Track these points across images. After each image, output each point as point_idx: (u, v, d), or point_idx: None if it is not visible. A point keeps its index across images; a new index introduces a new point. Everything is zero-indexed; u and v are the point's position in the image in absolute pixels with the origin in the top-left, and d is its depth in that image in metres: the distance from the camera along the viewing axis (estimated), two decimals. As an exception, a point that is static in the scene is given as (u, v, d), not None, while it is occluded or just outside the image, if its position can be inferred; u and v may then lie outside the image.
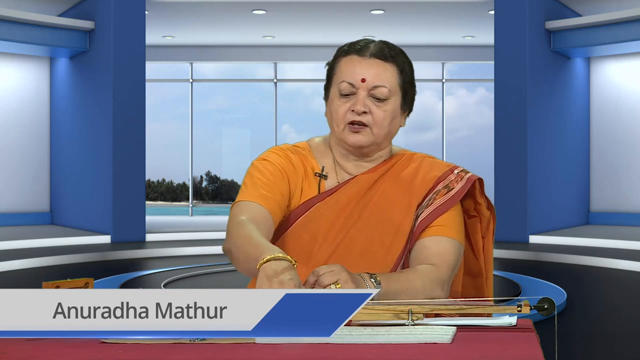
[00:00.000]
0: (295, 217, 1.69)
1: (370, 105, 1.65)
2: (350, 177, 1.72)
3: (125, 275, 7.23)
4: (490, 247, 1.77)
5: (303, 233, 1.67)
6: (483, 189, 1.75)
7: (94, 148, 10.55)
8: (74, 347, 1.24)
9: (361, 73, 1.64)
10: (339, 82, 1.66)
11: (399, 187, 1.70)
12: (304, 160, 1.73)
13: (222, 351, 1.19)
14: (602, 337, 4.85)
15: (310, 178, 1.72)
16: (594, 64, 11.99)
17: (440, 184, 1.70)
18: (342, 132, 1.67)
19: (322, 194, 1.70)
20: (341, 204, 1.68)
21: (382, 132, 1.67)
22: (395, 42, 1.79)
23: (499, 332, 1.30)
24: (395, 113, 1.68)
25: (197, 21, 12.32)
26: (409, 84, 1.71)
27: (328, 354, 1.16)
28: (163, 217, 14.69)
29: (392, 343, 1.21)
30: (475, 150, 15.33)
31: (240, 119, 17.07)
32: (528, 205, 10.01)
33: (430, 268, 1.60)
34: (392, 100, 1.66)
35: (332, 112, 1.69)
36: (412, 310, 1.33)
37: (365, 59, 1.66)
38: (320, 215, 1.68)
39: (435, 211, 1.66)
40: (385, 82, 1.65)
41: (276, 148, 1.76)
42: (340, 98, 1.66)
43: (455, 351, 1.16)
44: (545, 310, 1.32)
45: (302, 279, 1.59)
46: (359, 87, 1.64)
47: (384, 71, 1.65)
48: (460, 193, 1.69)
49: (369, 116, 1.65)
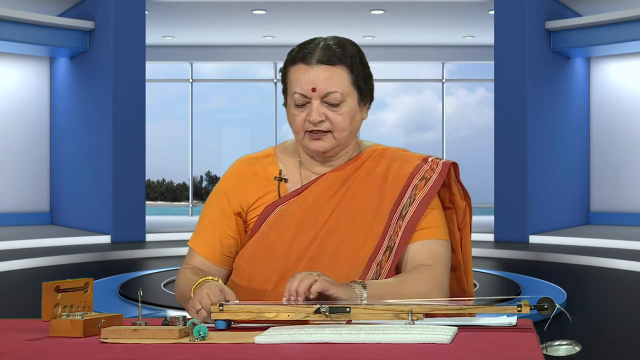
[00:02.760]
0: (260, 222, 1.70)
1: (326, 112, 1.62)
2: (317, 176, 1.71)
3: (125, 275, 7.23)
4: (469, 239, 1.75)
5: (271, 235, 1.67)
6: (458, 176, 1.72)
7: (94, 148, 10.55)
8: (74, 347, 1.23)
9: (310, 82, 1.61)
10: (292, 93, 1.65)
11: (370, 185, 1.69)
12: (261, 169, 1.74)
13: (222, 351, 1.19)
14: (602, 337, 4.85)
15: (270, 183, 1.72)
16: (594, 64, 11.99)
17: (415, 177, 1.68)
18: (302, 139, 1.66)
19: (284, 196, 1.70)
20: (308, 203, 1.67)
21: (343, 135, 1.65)
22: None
23: (499, 332, 1.30)
24: (353, 112, 1.65)
25: (197, 21, 12.32)
26: (362, 79, 1.67)
27: (328, 354, 1.16)
28: (163, 217, 14.70)
29: (393, 343, 1.21)
30: (475, 150, 15.32)
31: (240, 119, 17.07)
32: (528, 205, 10.01)
33: (427, 269, 1.60)
34: (347, 102, 1.64)
35: (290, 121, 1.68)
36: (412, 310, 1.33)
37: (312, 67, 1.61)
38: (288, 215, 1.67)
39: (420, 206, 1.64)
40: (336, 87, 1.61)
41: (234, 163, 1.81)
42: (296, 108, 1.65)
43: (455, 351, 1.16)
44: (545, 310, 1.32)
45: (276, 283, 1.63)
46: (311, 96, 1.62)
47: (333, 76, 1.61)
48: (439, 180, 1.67)
49: (327, 123, 1.63)
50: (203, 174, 16.38)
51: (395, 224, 1.65)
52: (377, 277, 1.62)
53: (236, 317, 1.36)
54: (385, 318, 1.34)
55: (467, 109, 15.93)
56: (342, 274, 1.62)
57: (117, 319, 1.39)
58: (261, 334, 1.26)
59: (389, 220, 1.66)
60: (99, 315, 1.36)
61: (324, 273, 1.49)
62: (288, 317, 1.35)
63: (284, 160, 1.75)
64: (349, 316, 1.34)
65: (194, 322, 1.32)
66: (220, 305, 1.36)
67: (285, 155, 1.76)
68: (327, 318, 1.34)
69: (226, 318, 1.37)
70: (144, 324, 1.30)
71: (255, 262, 1.68)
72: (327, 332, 1.25)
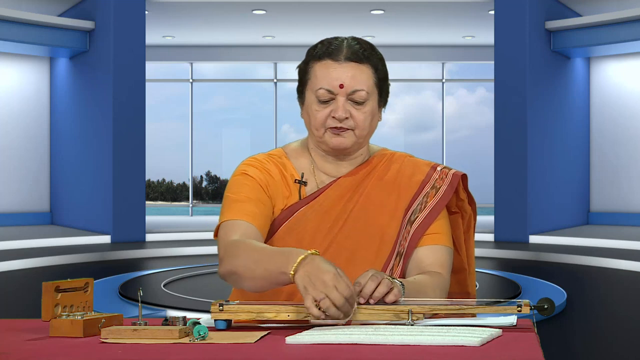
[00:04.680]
0: (279, 224, 1.68)
1: (350, 109, 1.63)
2: (331, 180, 1.71)
3: (125, 275, 7.23)
4: (472, 242, 1.78)
5: (288, 239, 1.66)
6: (467, 185, 1.75)
7: (94, 148, 10.55)
8: (74, 347, 1.23)
9: (338, 79, 1.62)
10: (315, 89, 1.64)
11: (383, 190, 1.70)
12: (280, 168, 1.72)
13: (222, 351, 1.19)
14: (602, 337, 4.85)
15: (289, 184, 1.71)
16: (594, 64, 11.99)
17: (426, 186, 1.70)
18: (322, 135, 1.66)
19: (304, 199, 1.69)
20: (325, 208, 1.67)
21: (364, 133, 1.66)
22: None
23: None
24: (374, 112, 1.67)
25: (197, 21, 12.32)
26: (383, 80, 1.69)
27: (328, 354, 1.16)
28: (163, 217, 14.70)
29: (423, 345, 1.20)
30: (475, 150, 15.32)
31: (240, 119, 17.07)
32: (528, 205, 10.01)
33: (438, 276, 1.62)
34: (370, 101, 1.65)
35: (310, 118, 1.67)
36: (412, 311, 1.33)
37: (341, 63, 1.62)
38: (306, 219, 1.67)
39: (430, 214, 1.67)
40: (363, 85, 1.63)
41: (251, 159, 1.74)
42: (319, 104, 1.65)
43: (455, 351, 1.16)
44: (545, 310, 1.32)
45: (286, 289, 1.59)
46: (338, 93, 1.62)
47: (360, 74, 1.63)
48: (449, 192, 1.69)
49: (350, 120, 1.64)
50: (203, 174, 16.38)
51: (405, 229, 1.67)
52: None
53: (236, 317, 1.36)
54: (385, 318, 1.34)
55: (467, 109, 15.94)
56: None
57: (117, 319, 1.39)
58: (294, 336, 1.26)
59: (401, 226, 1.68)
60: (99, 315, 1.36)
61: None
62: (288, 317, 1.35)
63: (297, 162, 1.74)
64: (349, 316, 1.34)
65: (194, 322, 1.32)
66: (220, 305, 1.36)
67: (297, 157, 1.75)
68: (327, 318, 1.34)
69: (226, 318, 1.37)
70: (144, 324, 1.30)
71: None
72: (355, 332, 1.25)
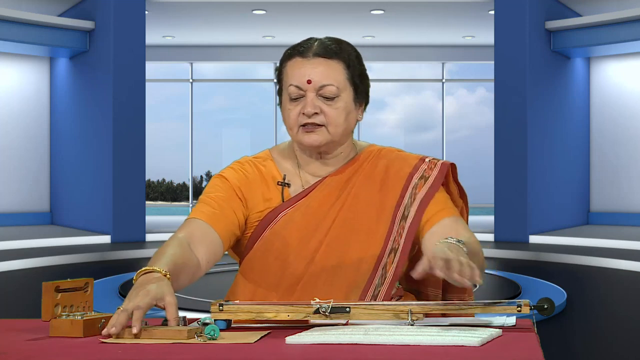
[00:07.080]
0: (263, 227, 1.67)
1: (321, 105, 1.63)
2: (317, 180, 1.70)
3: (125, 275, 7.23)
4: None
5: (275, 241, 1.66)
6: (456, 176, 1.74)
7: (94, 148, 10.55)
8: (74, 347, 1.23)
9: (306, 74, 1.62)
10: (287, 87, 1.65)
11: (371, 188, 1.69)
12: (262, 171, 1.72)
13: (222, 351, 1.19)
14: (602, 337, 4.85)
15: (272, 187, 1.70)
16: (594, 64, 11.99)
17: (414, 177, 1.68)
18: (296, 134, 1.66)
19: (287, 201, 1.68)
20: (312, 209, 1.67)
21: (338, 130, 1.65)
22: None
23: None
24: (348, 109, 1.66)
25: (197, 21, 12.32)
26: (359, 77, 1.68)
27: (328, 354, 1.16)
28: (163, 217, 14.70)
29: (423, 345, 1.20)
30: (475, 150, 15.32)
31: (240, 119, 17.07)
32: (528, 205, 10.01)
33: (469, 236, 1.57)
34: (343, 97, 1.64)
35: (284, 117, 1.68)
36: (411, 310, 1.33)
37: (309, 59, 1.63)
38: (292, 221, 1.66)
39: (422, 204, 1.65)
40: (332, 80, 1.62)
41: (234, 163, 1.75)
42: (291, 102, 1.65)
43: (455, 351, 1.16)
44: (545, 310, 1.32)
45: (283, 291, 1.61)
46: (307, 89, 1.62)
47: (329, 69, 1.63)
48: (439, 178, 1.67)
49: (321, 116, 1.63)
50: (203, 174, 16.38)
51: (399, 225, 1.65)
52: (383, 280, 1.62)
53: (236, 317, 1.36)
54: (384, 318, 1.34)
55: (467, 109, 15.94)
56: (349, 279, 1.62)
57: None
58: (294, 336, 1.26)
59: (392, 222, 1.66)
60: (99, 315, 1.36)
61: (330, 280, 1.55)
62: (288, 317, 1.35)
63: (282, 163, 1.74)
64: (348, 316, 1.34)
65: (205, 322, 1.32)
66: (220, 305, 1.36)
67: (282, 158, 1.75)
68: (327, 318, 1.34)
69: (226, 318, 1.37)
70: (144, 324, 1.30)
71: (261, 270, 1.67)
72: (355, 332, 1.25)
